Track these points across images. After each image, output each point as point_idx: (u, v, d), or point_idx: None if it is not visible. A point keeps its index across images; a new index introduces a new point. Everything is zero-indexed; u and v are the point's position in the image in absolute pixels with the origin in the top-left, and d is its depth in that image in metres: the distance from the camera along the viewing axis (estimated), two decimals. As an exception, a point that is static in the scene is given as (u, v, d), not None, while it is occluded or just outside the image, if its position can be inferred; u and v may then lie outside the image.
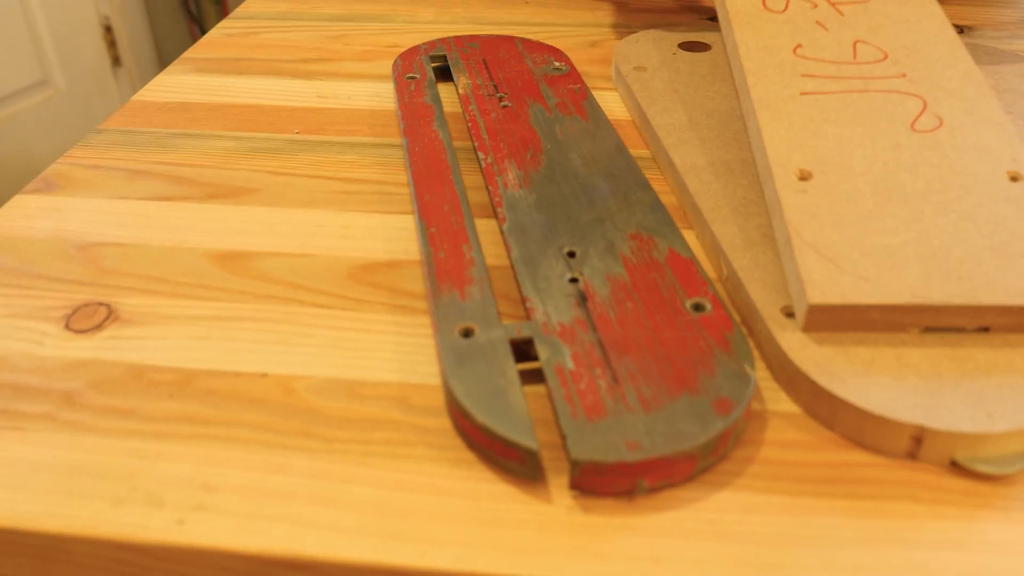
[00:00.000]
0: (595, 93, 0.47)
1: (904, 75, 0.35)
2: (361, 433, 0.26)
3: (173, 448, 0.26)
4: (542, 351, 0.27)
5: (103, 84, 1.97)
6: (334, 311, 0.31)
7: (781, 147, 0.32)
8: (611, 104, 0.46)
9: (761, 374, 0.29)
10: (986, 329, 0.27)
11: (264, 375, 0.29)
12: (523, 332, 0.28)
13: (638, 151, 0.42)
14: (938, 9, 0.40)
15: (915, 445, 0.25)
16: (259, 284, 0.33)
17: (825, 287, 0.27)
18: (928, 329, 0.27)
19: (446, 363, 0.27)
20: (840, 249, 0.28)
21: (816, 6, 0.40)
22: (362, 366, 0.29)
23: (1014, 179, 0.31)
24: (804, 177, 0.30)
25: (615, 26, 0.56)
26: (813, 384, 0.27)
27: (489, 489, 0.25)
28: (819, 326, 0.27)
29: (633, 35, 0.50)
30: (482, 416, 0.25)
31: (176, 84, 0.48)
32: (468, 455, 0.26)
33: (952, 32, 0.38)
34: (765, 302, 0.30)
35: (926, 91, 0.35)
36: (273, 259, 0.34)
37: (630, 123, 0.44)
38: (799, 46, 0.37)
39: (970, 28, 0.55)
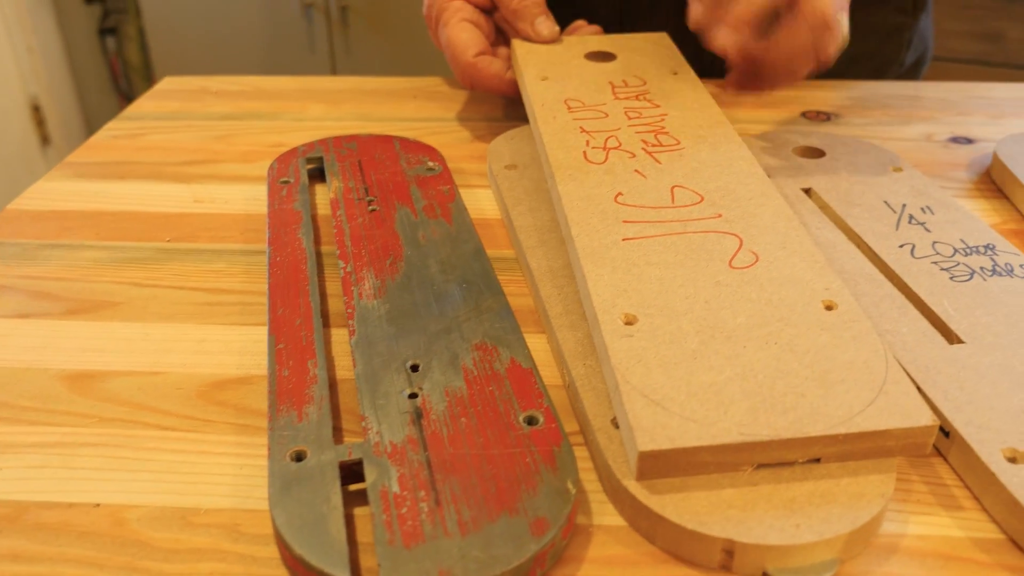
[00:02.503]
0: (471, 191, 0.48)
1: (720, 215, 0.37)
2: (188, 566, 0.26)
3: (-12, 592, 0.25)
4: (370, 473, 0.28)
5: (31, 163, 1.96)
6: (178, 433, 0.32)
7: (606, 293, 0.33)
8: (484, 203, 0.47)
9: (593, 486, 0.30)
10: (817, 460, 0.28)
11: (97, 505, 0.29)
12: (354, 454, 0.29)
13: (505, 252, 0.43)
14: (747, 152, 0.42)
15: (727, 558, 0.26)
16: (105, 406, 0.33)
17: (654, 432, 0.27)
18: (760, 466, 0.28)
19: (272, 491, 0.27)
20: (667, 392, 0.28)
21: (634, 156, 0.42)
22: (198, 492, 0.29)
23: (828, 308, 0.32)
24: (630, 321, 0.31)
25: (497, 120, 0.58)
26: (633, 498, 0.27)
27: (306, 622, 0.25)
28: (653, 472, 0.27)
29: (508, 132, 0.52)
30: (299, 547, 0.25)
31: (53, 191, 0.48)
32: (291, 585, 0.26)
33: (760, 171, 0.40)
34: (597, 412, 0.31)
35: (741, 229, 0.36)
36: (123, 378, 0.34)
37: (500, 222, 0.45)
38: (620, 194, 0.39)
39: (836, 115, 0.58)
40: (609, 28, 0.58)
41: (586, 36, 0.55)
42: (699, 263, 0.34)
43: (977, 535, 0.28)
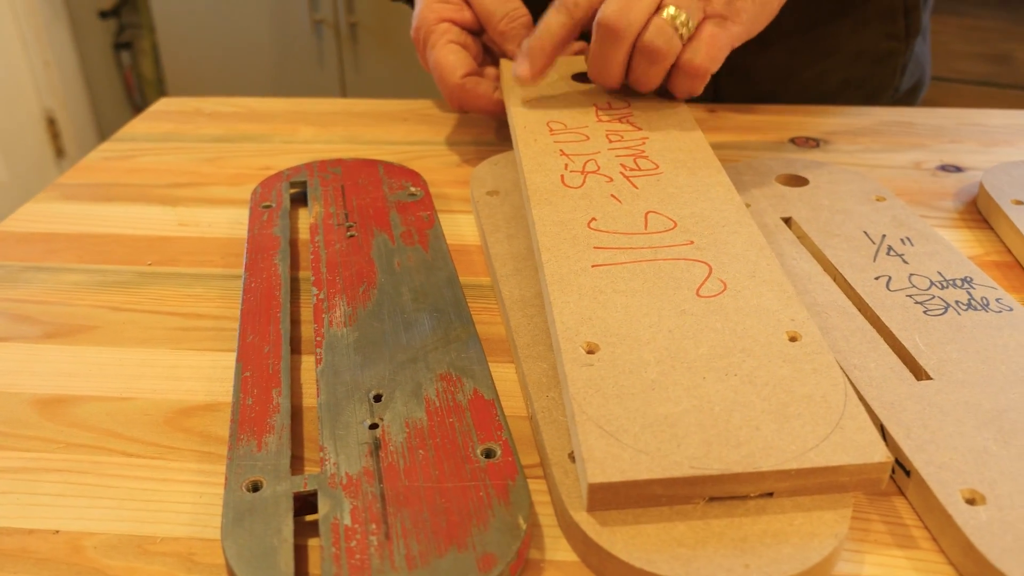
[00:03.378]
0: (454, 216, 0.49)
1: (692, 242, 0.37)
2: (140, 595, 0.27)
3: (-60, 619, 0.26)
4: (323, 505, 0.28)
5: (46, 175, 1.98)
6: (141, 460, 0.32)
7: (570, 320, 0.33)
8: (465, 229, 0.47)
9: (550, 520, 0.30)
10: (770, 494, 0.28)
11: (56, 532, 0.29)
12: (309, 485, 0.29)
13: (482, 279, 0.43)
14: (724, 178, 0.42)
15: (675, 596, 0.26)
16: (73, 432, 0.33)
17: (606, 464, 0.27)
18: (713, 499, 0.28)
19: (225, 521, 0.27)
20: (622, 423, 0.28)
21: (611, 180, 0.42)
22: (157, 520, 0.29)
23: (792, 339, 0.32)
24: (591, 350, 0.31)
25: (487, 144, 0.58)
26: (584, 532, 0.27)
27: (250, 655, 0.25)
28: (604, 504, 0.27)
29: (493, 157, 0.52)
30: (246, 580, 0.25)
31: (41, 213, 0.49)
32: (239, 617, 0.26)
33: (736, 198, 0.40)
34: (555, 445, 0.31)
35: (712, 257, 0.36)
36: (93, 404, 0.34)
37: (480, 249, 0.46)
38: (593, 219, 0.39)
39: (825, 142, 0.58)
40: None
41: (575, 57, 0.56)
42: (666, 291, 0.34)
43: (932, 577, 0.27)
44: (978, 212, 0.49)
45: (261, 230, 0.44)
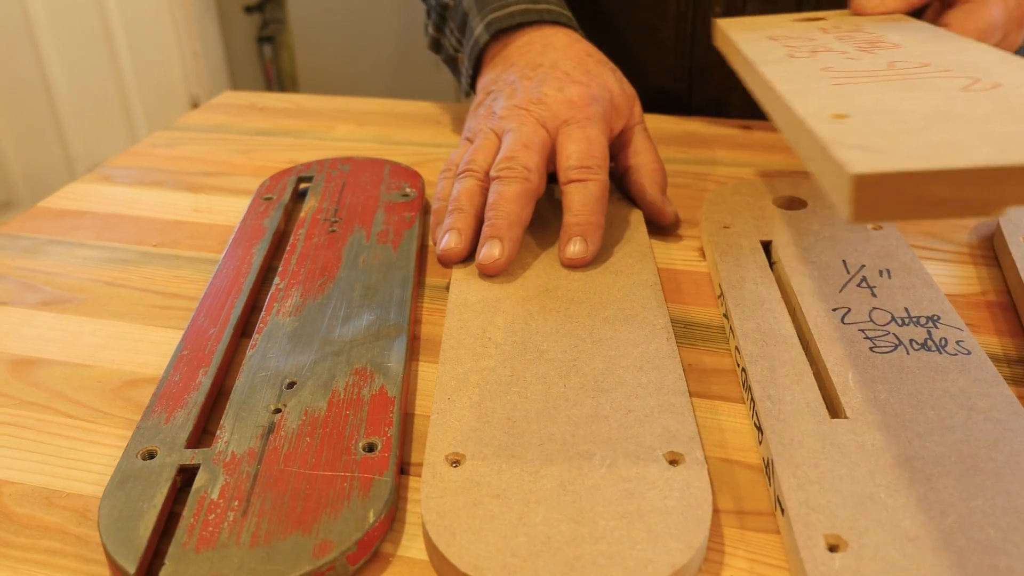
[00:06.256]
0: (448, 218, 0.50)
1: (949, 71, 0.34)
2: (32, 541, 0.29)
3: None
4: (200, 479, 0.30)
5: (188, 157, 2.13)
6: (78, 422, 0.35)
7: (811, 103, 0.30)
8: (451, 231, 0.49)
9: (418, 519, 0.30)
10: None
11: (-16, 478, 0.32)
12: (196, 460, 0.31)
13: (444, 281, 0.44)
14: (971, 42, 0.39)
15: (498, 603, 0.27)
16: (30, 391, 0.37)
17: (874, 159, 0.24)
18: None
19: (110, 484, 0.30)
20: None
21: (844, 52, 0.39)
22: (70, 477, 0.32)
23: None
24: (840, 117, 0.28)
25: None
26: (427, 533, 0.28)
27: (99, 607, 0.27)
28: (873, 211, 0.23)
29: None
30: (106, 536, 0.28)
31: (79, 192, 0.54)
32: (104, 570, 0.28)
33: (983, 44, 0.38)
34: (436, 446, 0.32)
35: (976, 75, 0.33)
36: (56, 368, 0.38)
37: (459, 251, 0.47)
38: (829, 68, 0.36)
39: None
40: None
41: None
42: (923, 87, 0.31)
43: (775, 619, 0.27)
44: (992, 249, 0.46)
45: (253, 220, 0.47)
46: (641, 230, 0.46)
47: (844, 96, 0.31)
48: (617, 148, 0.49)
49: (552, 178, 0.46)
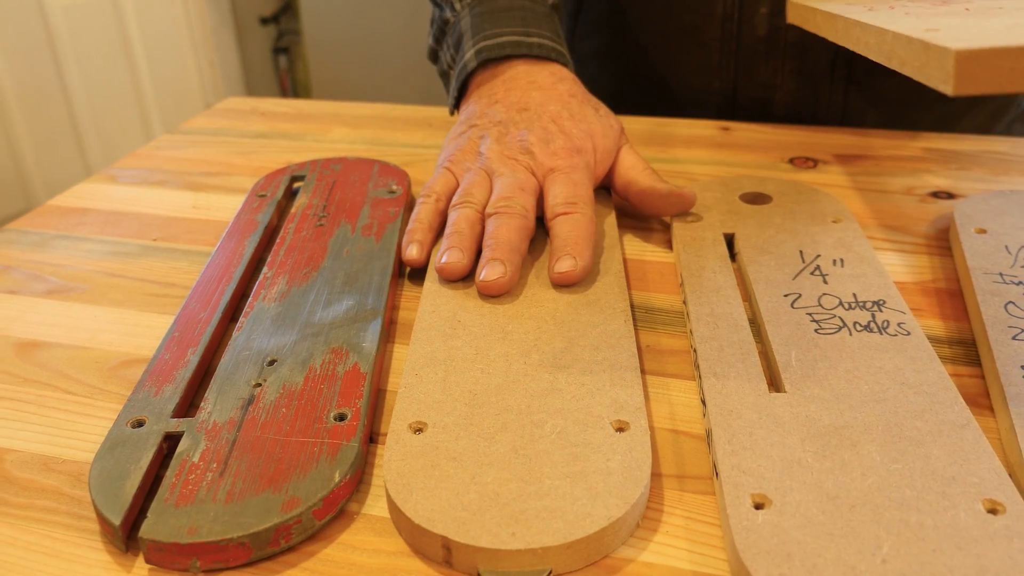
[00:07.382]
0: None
1: None
2: (30, 500, 0.32)
3: None
4: (183, 444, 0.33)
5: (204, 165, 2.18)
6: (76, 397, 0.38)
7: (904, 25, 0.37)
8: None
9: (383, 482, 0.33)
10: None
11: (-11, 446, 0.35)
12: (180, 428, 0.34)
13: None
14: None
15: (447, 554, 0.29)
16: (34, 369, 0.39)
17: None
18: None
19: (101, 449, 0.33)
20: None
21: (921, 5, 0.45)
22: (67, 445, 0.35)
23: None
24: (932, 31, 0.35)
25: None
26: (388, 491, 0.31)
27: (88, 556, 0.30)
28: (972, 83, 0.31)
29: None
30: (93, 493, 0.30)
31: (87, 192, 0.57)
32: (95, 526, 0.31)
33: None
34: (401, 415, 0.34)
35: None
36: (59, 349, 0.41)
37: (439, 244, 0.49)
38: (910, 13, 0.42)
39: (824, 163, 0.58)
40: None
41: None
42: None
43: (703, 570, 0.29)
44: (947, 240, 0.48)
45: (247, 215, 0.50)
46: (611, 222, 0.48)
47: (932, 21, 0.37)
48: (609, 175, 0.51)
49: (540, 222, 0.48)
